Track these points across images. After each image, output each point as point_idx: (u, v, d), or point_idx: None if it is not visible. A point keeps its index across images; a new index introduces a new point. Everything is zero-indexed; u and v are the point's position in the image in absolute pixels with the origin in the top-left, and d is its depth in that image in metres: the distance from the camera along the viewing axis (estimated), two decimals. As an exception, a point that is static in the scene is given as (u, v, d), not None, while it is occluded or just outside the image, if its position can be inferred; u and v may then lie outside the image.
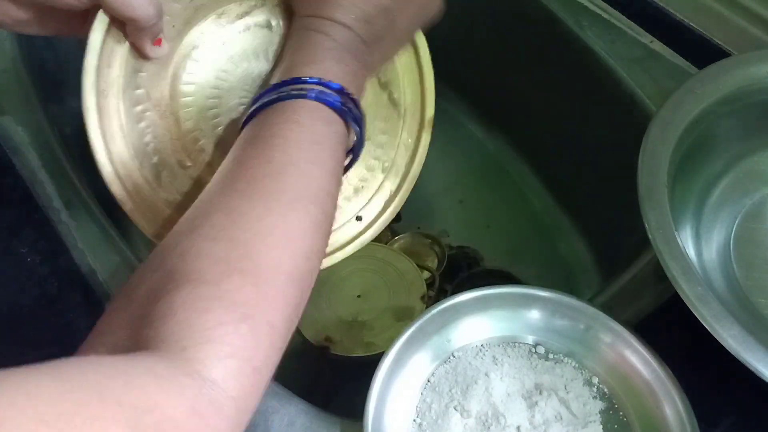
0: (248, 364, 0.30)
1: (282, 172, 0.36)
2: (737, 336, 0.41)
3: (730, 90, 0.53)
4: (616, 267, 0.59)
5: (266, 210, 0.34)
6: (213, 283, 0.31)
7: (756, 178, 0.56)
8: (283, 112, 0.38)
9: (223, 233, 0.33)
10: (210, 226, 0.34)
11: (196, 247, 0.33)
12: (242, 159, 0.37)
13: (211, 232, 0.33)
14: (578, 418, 0.45)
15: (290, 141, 0.37)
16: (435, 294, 0.70)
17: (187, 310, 0.30)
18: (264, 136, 0.37)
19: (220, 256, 0.32)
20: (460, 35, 0.86)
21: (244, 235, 0.33)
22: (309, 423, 0.46)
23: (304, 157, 0.37)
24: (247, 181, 0.35)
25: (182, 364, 0.28)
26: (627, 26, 0.68)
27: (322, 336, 0.63)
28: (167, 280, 0.31)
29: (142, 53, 0.42)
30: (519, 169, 0.85)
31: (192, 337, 0.29)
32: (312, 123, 0.38)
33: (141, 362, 0.28)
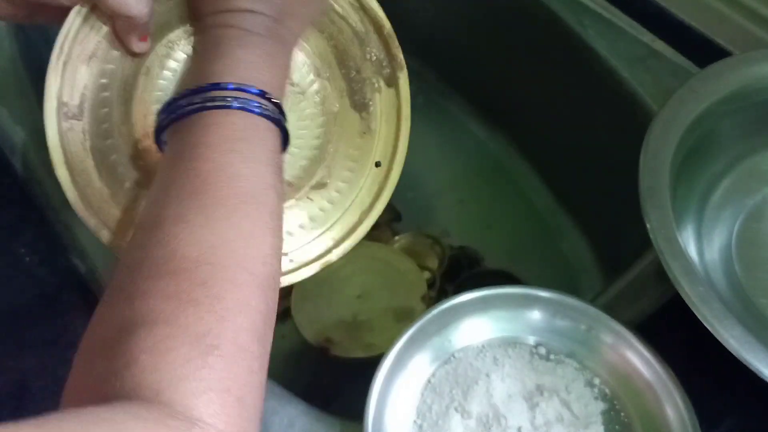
0: (229, 395, 0.29)
1: (208, 184, 0.34)
2: (739, 336, 0.41)
3: (732, 89, 0.53)
4: (617, 267, 0.59)
5: (204, 227, 0.32)
6: (168, 322, 0.29)
7: (758, 177, 0.56)
8: (202, 119, 0.36)
9: (165, 267, 0.31)
10: (151, 262, 0.32)
11: (142, 289, 0.31)
12: (169, 180, 0.35)
13: (153, 269, 0.32)
14: (579, 419, 0.45)
15: (212, 146, 0.35)
16: (436, 294, 0.70)
17: (150, 354, 0.28)
18: (186, 148, 0.36)
19: (168, 291, 0.30)
20: (460, 34, 0.86)
21: (187, 262, 0.31)
22: (309, 424, 0.46)
23: (231, 159, 0.35)
24: (177, 203, 0.33)
25: (164, 408, 0.27)
26: (628, 25, 0.68)
27: (322, 337, 0.63)
28: (121, 328, 0.30)
29: (127, 48, 0.41)
30: (520, 168, 0.85)
31: (162, 379, 0.28)
32: (232, 122, 0.36)
33: (123, 409, 0.27)
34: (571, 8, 0.70)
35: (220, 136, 0.35)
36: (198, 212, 0.33)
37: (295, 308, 0.65)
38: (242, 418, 0.29)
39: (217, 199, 0.33)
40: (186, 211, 0.33)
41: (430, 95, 0.91)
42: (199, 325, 0.30)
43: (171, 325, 0.29)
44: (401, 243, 0.75)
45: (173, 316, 0.30)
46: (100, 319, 0.32)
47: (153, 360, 0.28)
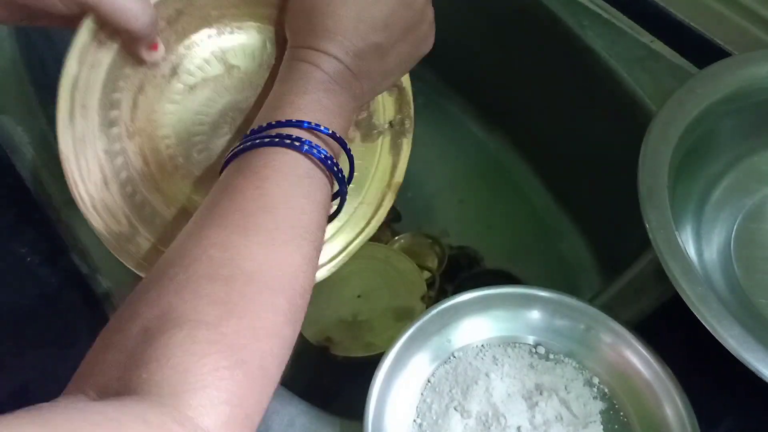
0: (241, 411, 0.30)
1: (275, 206, 0.35)
2: (738, 336, 0.41)
3: (731, 90, 0.53)
4: (616, 267, 0.59)
5: (262, 246, 0.34)
6: (212, 326, 0.30)
7: (757, 177, 0.56)
8: (273, 151, 0.37)
9: (220, 271, 0.32)
10: (206, 262, 0.33)
11: (193, 285, 0.32)
12: (233, 190, 0.36)
13: (209, 270, 0.32)
14: (579, 419, 0.45)
15: (282, 173, 0.36)
16: (435, 294, 0.70)
17: (186, 354, 0.29)
18: (254, 168, 0.37)
19: (219, 296, 0.31)
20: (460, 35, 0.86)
21: (241, 274, 0.32)
22: (309, 423, 0.46)
23: (296, 190, 0.36)
24: (241, 215, 0.35)
25: (174, 411, 0.28)
26: (628, 26, 0.68)
27: (322, 336, 0.63)
28: (163, 319, 0.30)
29: (138, 59, 0.42)
30: (519, 168, 0.85)
31: (187, 382, 0.28)
32: (302, 160, 0.38)
33: (131, 409, 0.27)
34: (571, 9, 0.70)
35: (290, 169, 0.37)
36: (260, 230, 0.34)
37: (295, 308, 0.65)
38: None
39: (279, 224, 0.35)
40: (249, 225, 0.34)
41: (430, 95, 0.91)
42: (237, 338, 0.30)
43: (213, 331, 0.30)
44: (401, 243, 0.75)
45: (217, 322, 0.30)
46: (143, 300, 0.32)
47: (186, 360, 0.29)
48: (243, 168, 0.37)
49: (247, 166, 0.37)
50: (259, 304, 0.32)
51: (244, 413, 0.30)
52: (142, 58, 0.42)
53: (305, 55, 0.41)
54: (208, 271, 0.32)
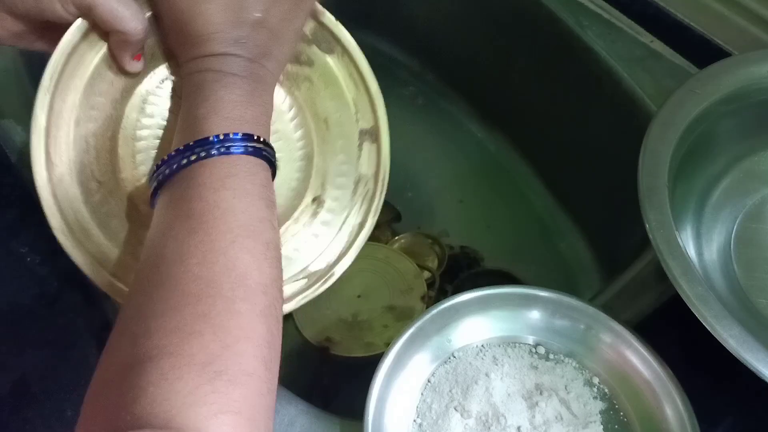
0: (240, 417, 0.30)
1: (206, 220, 0.35)
2: (737, 336, 0.41)
3: (731, 90, 0.53)
4: (616, 267, 0.59)
5: (203, 264, 0.34)
6: (173, 354, 0.30)
7: (757, 178, 0.56)
8: (189, 170, 0.37)
9: (166, 304, 0.33)
10: (152, 303, 0.33)
11: (146, 327, 0.32)
12: (164, 224, 0.36)
13: (157, 309, 0.33)
14: (579, 419, 0.45)
15: (203, 186, 0.36)
16: (435, 294, 0.70)
17: (157, 385, 0.29)
18: (178, 192, 0.37)
19: (172, 326, 0.32)
20: (461, 35, 0.86)
21: (187, 298, 0.32)
22: (309, 423, 0.46)
23: (223, 195, 0.36)
24: (177, 243, 0.35)
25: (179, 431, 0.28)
26: (627, 26, 0.68)
27: (322, 336, 0.63)
28: (128, 365, 0.31)
29: (120, 65, 0.42)
30: (519, 168, 0.85)
31: (173, 407, 0.29)
32: (220, 163, 0.37)
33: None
34: (571, 9, 0.70)
35: (209, 177, 0.36)
36: (195, 250, 0.34)
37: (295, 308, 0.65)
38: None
39: (213, 235, 0.34)
40: (184, 250, 0.34)
41: (430, 95, 0.91)
42: (203, 354, 0.31)
43: (176, 356, 0.30)
44: (401, 243, 0.75)
45: (178, 348, 0.31)
46: (108, 358, 0.33)
47: (161, 390, 0.29)
48: (166, 200, 0.38)
49: (171, 196, 0.37)
50: (216, 316, 0.32)
51: (245, 418, 0.30)
52: (124, 66, 0.42)
53: (194, 66, 0.40)
54: (156, 310, 0.33)
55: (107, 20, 0.39)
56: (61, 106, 0.41)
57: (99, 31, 0.41)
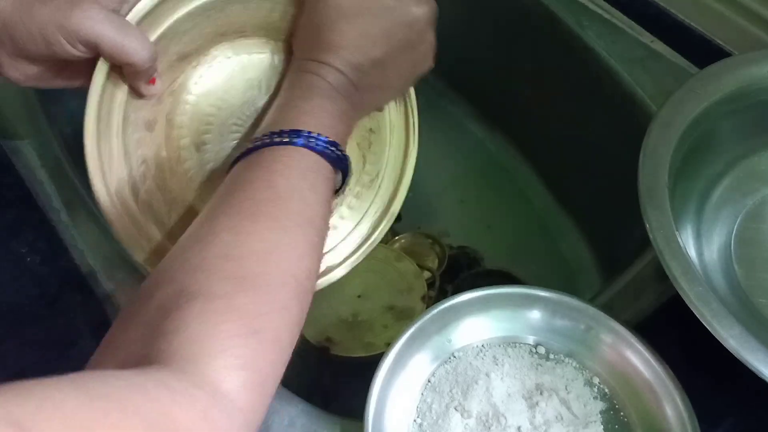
0: (257, 377, 0.31)
1: (283, 197, 0.38)
2: (738, 336, 0.41)
3: (731, 90, 0.53)
4: (616, 267, 0.59)
5: (270, 231, 0.36)
6: (225, 298, 0.32)
7: (757, 178, 0.56)
8: (275, 151, 0.40)
9: (231, 252, 0.35)
10: (218, 244, 0.35)
11: (206, 264, 0.34)
12: (244, 182, 0.39)
13: (220, 251, 0.35)
14: (579, 419, 0.45)
15: (290, 167, 0.39)
16: (435, 294, 0.70)
17: (201, 323, 0.31)
18: (263, 163, 0.39)
19: (231, 273, 0.34)
20: (460, 35, 0.86)
21: (251, 254, 0.35)
22: (309, 423, 0.46)
23: (303, 183, 0.39)
24: (251, 203, 0.37)
25: (194, 377, 0.29)
26: (628, 26, 0.68)
27: (322, 336, 0.63)
28: (178, 295, 0.32)
29: (137, 92, 0.44)
30: (519, 168, 0.85)
31: (204, 349, 0.30)
32: (304, 156, 0.40)
33: (154, 376, 0.29)
34: (571, 9, 0.70)
35: (295, 162, 0.39)
36: (269, 217, 0.37)
37: (295, 308, 0.65)
38: (260, 401, 0.32)
39: (287, 213, 0.37)
40: (259, 212, 0.37)
41: (430, 95, 0.91)
42: (250, 307, 0.33)
43: (226, 302, 0.32)
44: (401, 243, 0.75)
45: (230, 294, 0.33)
46: (157, 282, 0.34)
47: (202, 330, 0.31)
48: (252, 164, 0.40)
49: (257, 162, 0.40)
50: (269, 280, 0.34)
51: (260, 379, 0.32)
52: (140, 92, 0.44)
53: (311, 66, 0.44)
54: (220, 251, 0.35)
55: (114, 54, 0.41)
56: (107, 132, 0.44)
57: (116, 67, 0.43)
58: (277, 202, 0.37)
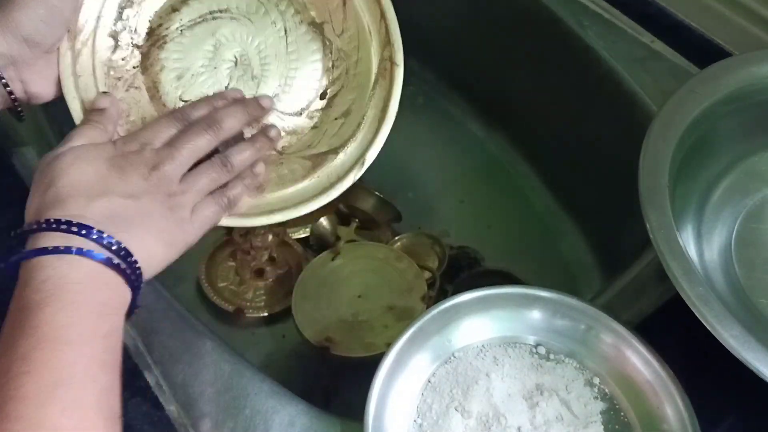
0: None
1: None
2: (738, 336, 0.41)
3: (732, 90, 0.53)
4: (617, 267, 0.59)
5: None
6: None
7: (757, 178, 0.56)
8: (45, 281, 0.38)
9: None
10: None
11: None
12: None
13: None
14: (579, 419, 0.45)
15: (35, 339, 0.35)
16: (436, 294, 0.70)
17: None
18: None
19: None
20: (461, 35, 0.86)
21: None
22: (309, 423, 0.46)
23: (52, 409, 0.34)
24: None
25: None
26: (628, 26, 0.68)
27: (322, 336, 0.63)
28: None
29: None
30: (520, 168, 0.85)
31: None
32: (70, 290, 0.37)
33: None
34: (571, 9, 0.70)
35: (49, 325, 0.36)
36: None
37: (296, 308, 0.65)
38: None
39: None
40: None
41: (430, 95, 0.91)
42: None
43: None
44: (401, 243, 0.75)
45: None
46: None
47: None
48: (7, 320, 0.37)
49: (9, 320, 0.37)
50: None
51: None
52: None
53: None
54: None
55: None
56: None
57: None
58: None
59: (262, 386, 0.47)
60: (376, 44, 0.53)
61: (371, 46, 0.53)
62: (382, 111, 0.52)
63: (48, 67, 0.47)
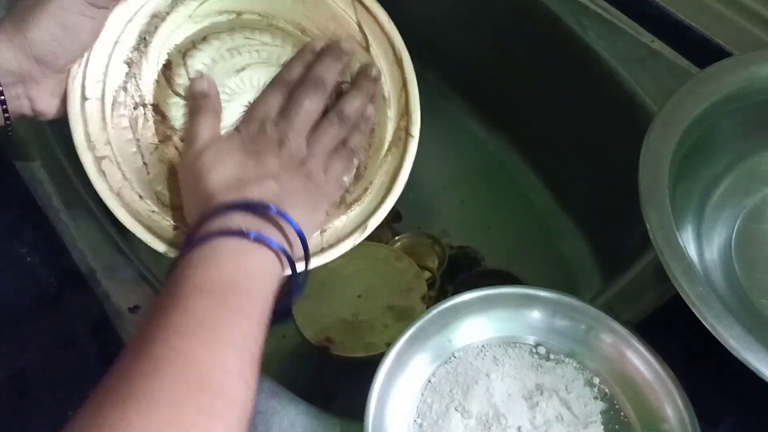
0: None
1: (162, 366, 0.34)
2: (738, 336, 0.41)
3: (732, 90, 0.53)
4: (617, 267, 0.59)
5: (152, 416, 0.33)
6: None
7: (757, 178, 0.56)
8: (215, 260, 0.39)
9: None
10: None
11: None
12: (136, 347, 0.36)
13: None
14: (579, 419, 0.45)
15: (185, 323, 0.36)
16: (436, 294, 0.70)
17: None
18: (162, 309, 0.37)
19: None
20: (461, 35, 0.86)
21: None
22: (309, 424, 0.46)
23: (194, 341, 0.35)
24: (130, 383, 0.34)
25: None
26: (628, 26, 0.68)
27: (322, 336, 0.63)
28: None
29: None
30: (520, 168, 0.85)
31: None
32: (237, 269, 0.39)
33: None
34: (571, 9, 0.70)
35: (206, 307, 0.37)
36: (148, 397, 0.33)
37: (296, 308, 0.65)
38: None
39: (165, 386, 0.33)
40: (140, 396, 0.33)
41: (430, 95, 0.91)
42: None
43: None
44: (401, 243, 0.75)
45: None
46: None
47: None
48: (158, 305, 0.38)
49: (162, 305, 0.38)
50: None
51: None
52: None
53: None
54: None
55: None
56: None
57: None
58: (154, 375, 0.34)
59: (262, 386, 0.46)
60: (394, 112, 0.53)
61: (387, 113, 0.53)
62: (391, 180, 0.52)
63: (58, 86, 0.46)
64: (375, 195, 0.52)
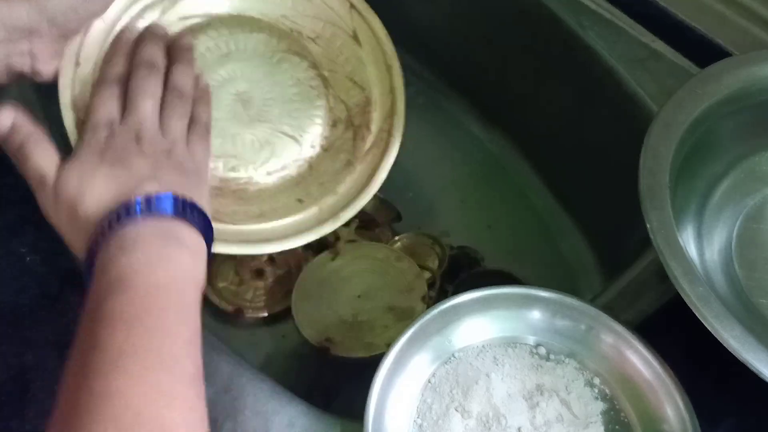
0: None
1: (98, 409, 0.34)
2: (739, 336, 0.41)
3: (732, 90, 0.53)
4: (617, 267, 0.59)
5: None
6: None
7: (758, 178, 0.56)
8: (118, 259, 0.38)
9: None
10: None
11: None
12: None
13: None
14: (579, 419, 0.45)
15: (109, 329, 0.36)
16: (436, 294, 0.70)
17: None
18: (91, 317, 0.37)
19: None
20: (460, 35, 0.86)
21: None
22: (309, 424, 0.46)
23: (121, 379, 0.34)
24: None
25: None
26: (629, 26, 0.68)
27: (322, 337, 0.63)
28: None
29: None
30: (520, 168, 0.85)
31: None
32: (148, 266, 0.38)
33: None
34: (571, 9, 0.70)
35: (127, 310, 0.37)
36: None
37: (296, 308, 0.65)
38: None
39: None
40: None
41: (430, 95, 0.91)
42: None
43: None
44: (401, 243, 0.75)
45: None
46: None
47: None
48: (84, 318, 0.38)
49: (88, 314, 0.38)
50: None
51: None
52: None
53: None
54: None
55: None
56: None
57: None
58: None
59: (262, 387, 0.46)
60: (379, 114, 0.54)
61: (372, 115, 0.54)
62: (367, 178, 0.53)
63: (61, 49, 0.47)
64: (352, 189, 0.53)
